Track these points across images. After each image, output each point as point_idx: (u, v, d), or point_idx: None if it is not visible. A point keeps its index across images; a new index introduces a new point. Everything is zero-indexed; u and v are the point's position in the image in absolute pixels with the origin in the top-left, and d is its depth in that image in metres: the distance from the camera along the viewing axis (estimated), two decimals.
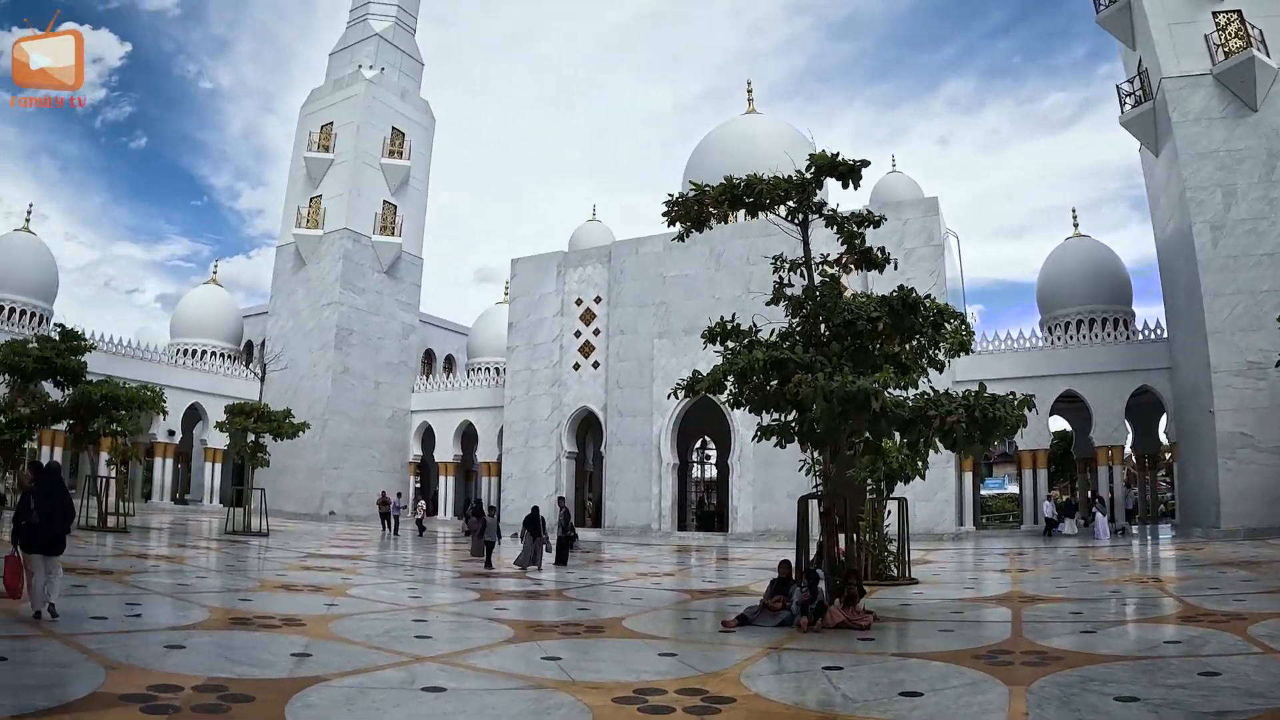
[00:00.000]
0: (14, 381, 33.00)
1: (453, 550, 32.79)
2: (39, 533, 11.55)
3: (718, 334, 15.84)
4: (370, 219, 61.36)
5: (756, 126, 55.41)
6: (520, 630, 12.57)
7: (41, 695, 7.37)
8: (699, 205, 16.19)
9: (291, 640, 10.83)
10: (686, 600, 17.89)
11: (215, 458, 59.48)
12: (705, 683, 8.97)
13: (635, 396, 47.45)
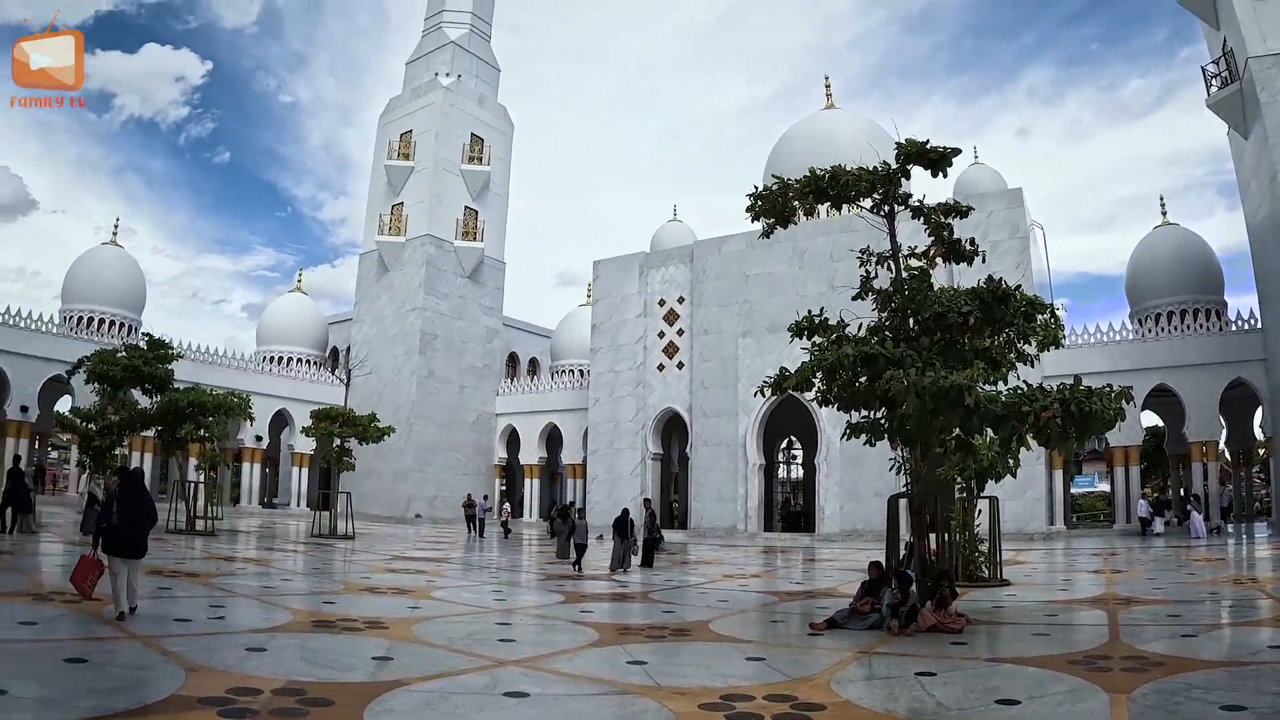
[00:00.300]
0: (103, 390, 33.49)
1: (538, 552, 32.78)
2: (121, 536, 11.73)
3: (804, 329, 15.43)
4: (452, 225, 61.67)
5: (835, 122, 54.95)
6: (605, 633, 12.38)
7: (120, 697, 7.32)
8: (783, 199, 15.82)
9: (373, 643, 10.73)
10: (774, 602, 17.61)
11: (302, 462, 60.22)
12: (794, 689, 8.69)
13: (720, 397, 47.15)
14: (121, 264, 60.55)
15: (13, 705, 6.96)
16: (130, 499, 12.08)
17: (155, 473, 51.37)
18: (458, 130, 63.58)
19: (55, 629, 10.97)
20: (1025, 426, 12.75)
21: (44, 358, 47.26)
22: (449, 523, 54.82)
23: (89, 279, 58.75)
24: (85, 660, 8.96)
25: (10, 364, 46.63)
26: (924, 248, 15.81)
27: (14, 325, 47.23)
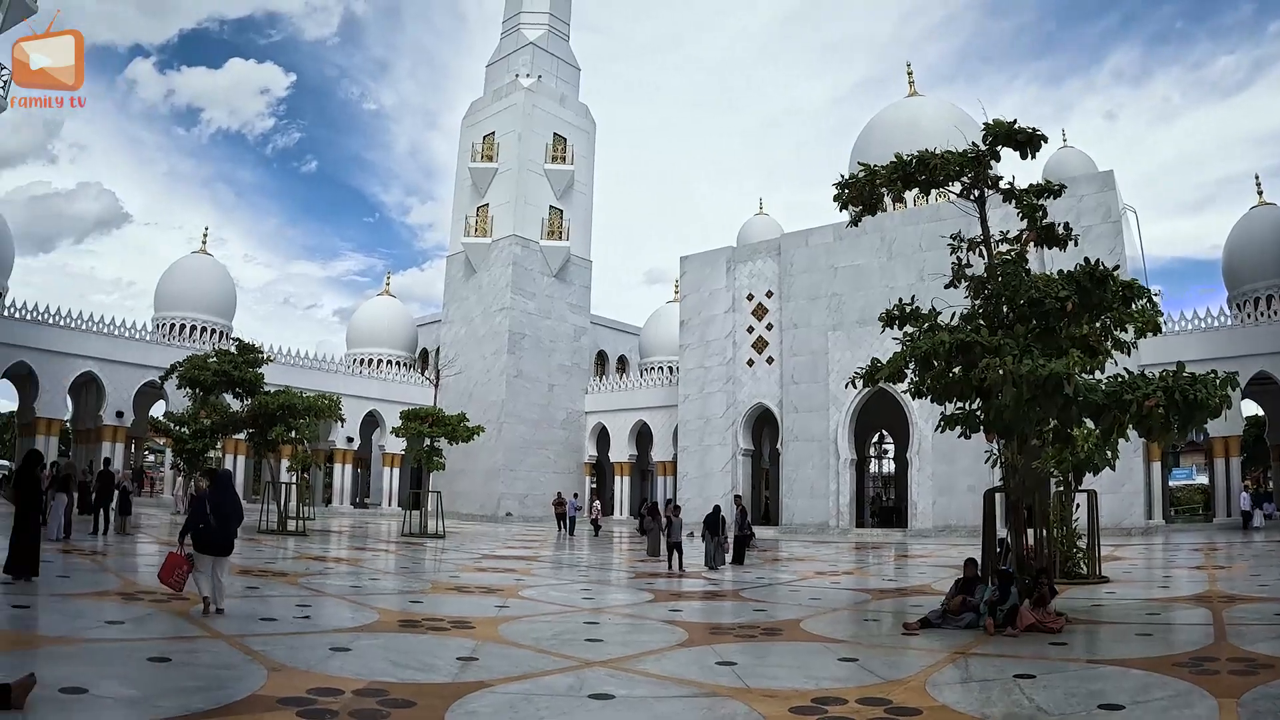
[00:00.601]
0: (195, 394, 33.96)
1: (628, 551, 32.65)
2: (213, 535, 12.14)
3: (896, 318, 14.98)
4: (537, 224, 61.83)
5: (919, 109, 54.23)
6: (695, 633, 12.15)
7: (200, 697, 7.25)
8: (870, 186, 15.40)
9: (459, 643, 10.62)
10: (866, 600, 17.27)
11: (393, 462, 60.72)
12: (888, 691, 8.39)
13: (810, 391, 46.68)
14: (212, 271, 61.81)
15: (93, 704, 6.93)
16: (220, 499, 12.46)
17: (248, 475, 52.03)
18: (540, 130, 63.66)
19: (141, 628, 11.00)
20: (1127, 416, 12.27)
21: (138, 364, 48.41)
22: (540, 521, 54.98)
23: (181, 287, 59.92)
24: (168, 659, 8.95)
25: (106, 371, 47.69)
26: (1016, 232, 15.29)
27: (109, 334, 48.19)
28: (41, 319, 46.30)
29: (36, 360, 45.65)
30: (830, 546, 36.05)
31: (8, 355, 44.89)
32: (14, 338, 44.87)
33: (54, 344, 46.28)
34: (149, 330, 52.10)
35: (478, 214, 63.24)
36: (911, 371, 14.24)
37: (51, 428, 46.64)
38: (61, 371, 46.58)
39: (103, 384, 47.95)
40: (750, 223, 62.11)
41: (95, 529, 26.03)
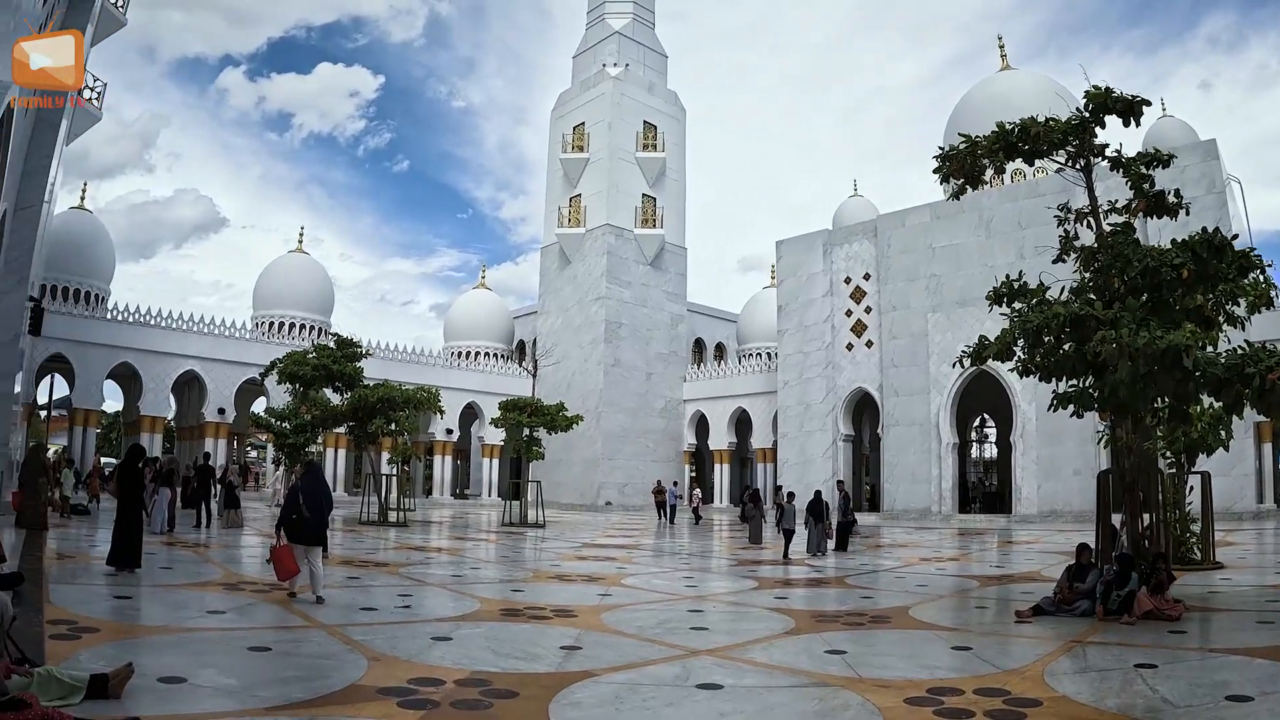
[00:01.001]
0: (295, 389, 34.33)
1: (730, 538, 32.39)
2: (307, 526, 12.60)
3: (1004, 294, 14.45)
4: (630, 213, 61.70)
5: (1013, 83, 53.36)
6: (801, 621, 11.88)
7: (299, 687, 7.20)
8: (971, 157, 14.92)
9: (562, 632, 10.50)
10: (974, 587, 16.83)
11: (492, 453, 61.43)
12: (1005, 682, 8.08)
13: (911, 374, 46.05)
14: (309, 269, 62.95)
15: (191, 694, 6.91)
16: (313, 490, 12.92)
17: (348, 468, 52.60)
18: (629, 119, 63.54)
19: (242, 618, 11.04)
20: (1248, 391, 11.74)
21: (238, 362, 49.79)
22: (639, 510, 54.95)
23: (278, 285, 61.12)
24: (269, 649, 8.94)
25: (207, 369, 49.01)
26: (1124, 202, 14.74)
27: (209, 333, 49.38)
28: (143, 321, 47.49)
29: (140, 360, 47.08)
30: (933, 532, 35.57)
31: (112, 356, 46.26)
32: (118, 339, 46.43)
33: (156, 344, 47.82)
34: (248, 329, 53.08)
35: (570, 204, 63.35)
36: (1020, 349, 13.81)
37: (155, 425, 47.94)
38: (164, 371, 47.99)
39: (204, 382, 49.08)
40: (845, 205, 61.58)
41: (198, 522, 26.49)
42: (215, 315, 52.07)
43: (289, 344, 49.08)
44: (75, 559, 16.71)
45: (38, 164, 25.42)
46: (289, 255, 63.69)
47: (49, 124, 25.69)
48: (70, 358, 45.37)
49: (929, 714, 6.88)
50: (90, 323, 46.37)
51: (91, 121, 40.67)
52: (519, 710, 6.84)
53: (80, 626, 9.49)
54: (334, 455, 52.92)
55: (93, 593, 12.46)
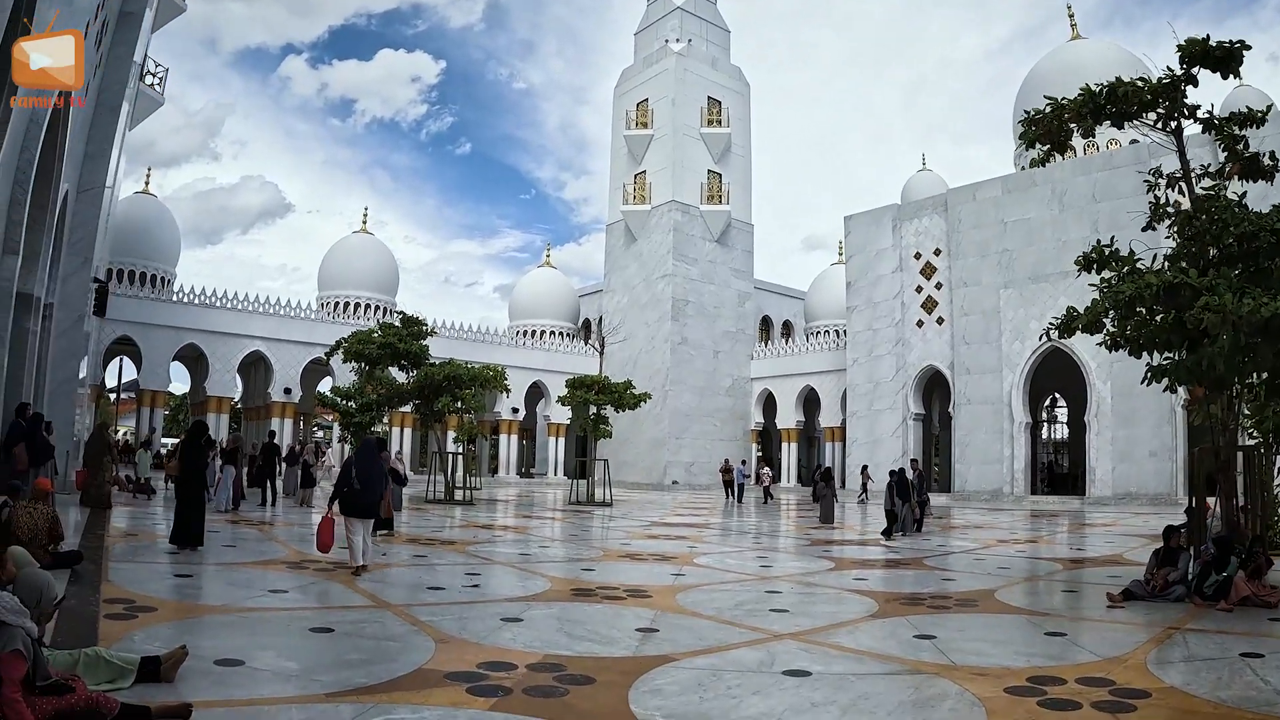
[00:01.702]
0: (360, 368, 34.26)
1: (800, 518, 31.90)
2: (358, 499, 12.79)
3: (1094, 261, 13.66)
4: (696, 189, 61.28)
5: (1084, 52, 52.34)
6: (884, 603, 11.39)
7: (362, 671, 6.86)
8: (1057, 122, 14.22)
9: (636, 613, 10.12)
10: (1057, 570, 16.27)
11: (558, 432, 61.53)
12: (1108, 671, 7.60)
13: (982, 352, 45.24)
14: (373, 249, 63.39)
15: (248, 678, 6.61)
16: (366, 465, 13.14)
17: (414, 446, 52.69)
18: (693, 94, 63.12)
19: (305, 597, 10.83)
20: None
21: (304, 342, 50.29)
22: (706, 489, 54.75)
23: (343, 266, 61.59)
24: (331, 630, 8.65)
25: (273, 350, 49.61)
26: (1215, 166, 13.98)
27: (275, 314, 49.81)
28: (209, 302, 47.93)
29: (206, 342, 47.82)
30: (1006, 514, 34.95)
31: (178, 338, 46.98)
32: (183, 321, 47.25)
33: (222, 326, 48.52)
34: (313, 309, 53.19)
35: (635, 181, 63.08)
36: (1110, 320, 13.14)
37: (222, 406, 48.64)
38: (230, 352, 48.66)
39: (270, 362, 49.54)
40: (914, 179, 60.76)
41: (263, 500, 26.54)
42: (281, 298, 52.39)
43: (354, 324, 49.14)
44: (138, 537, 16.59)
45: (99, 147, 25.44)
46: (353, 236, 64.03)
47: (108, 107, 25.69)
48: (137, 340, 46.19)
49: (1033, 705, 6.43)
50: (156, 305, 47.07)
51: (154, 107, 41.28)
52: (597, 698, 6.46)
53: (137, 606, 9.24)
54: (400, 434, 53.11)
55: (152, 571, 12.28)
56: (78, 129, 22.13)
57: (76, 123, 21.50)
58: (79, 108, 22.27)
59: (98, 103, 25.22)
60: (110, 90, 25.65)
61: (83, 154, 24.69)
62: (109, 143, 25.70)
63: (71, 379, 24.69)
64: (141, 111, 41.09)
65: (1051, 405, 57.98)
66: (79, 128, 22.45)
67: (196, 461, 14.75)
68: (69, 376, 24.57)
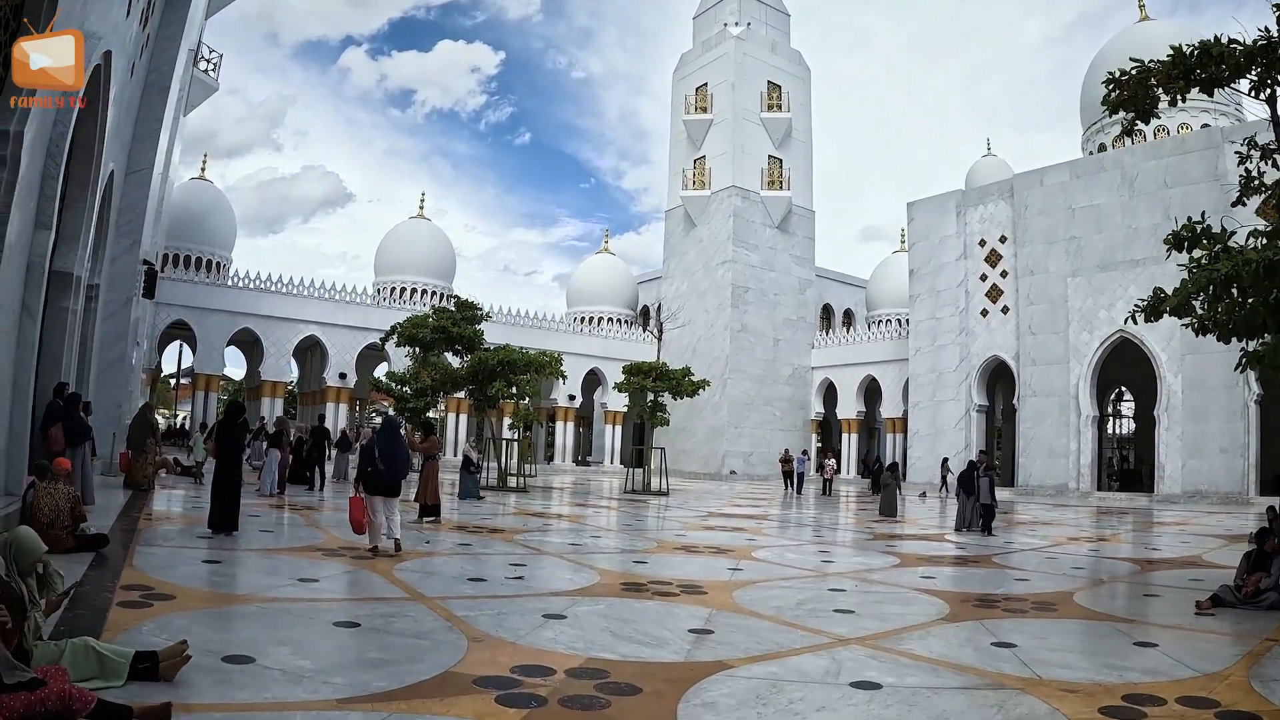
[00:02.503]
0: (414, 353, 33.89)
1: (862, 510, 31.11)
2: (381, 478, 13.16)
3: (1185, 239, 12.63)
4: (756, 174, 60.39)
5: (1153, 34, 50.52)
6: (955, 605, 10.61)
7: (383, 673, 6.26)
8: (1143, 86, 13.22)
9: (690, 611, 9.42)
10: (1135, 571, 15.41)
11: (615, 420, 60.83)
12: (1209, 689, 6.86)
13: (1049, 342, 43.95)
14: (430, 235, 63.08)
15: (255, 678, 6.01)
16: (387, 445, 13.52)
17: (470, 432, 52.43)
18: (753, 78, 62.08)
19: (335, 587, 10.31)
20: None
21: (359, 327, 50.20)
22: (764, 479, 54.04)
23: (400, 251, 61.42)
24: (357, 624, 8.05)
25: (328, 334, 49.76)
26: None
27: (330, 298, 49.96)
28: (263, 287, 48.08)
29: (261, 326, 48.10)
30: (1072, 510, 34.10)
31: (233, 322, 47.33)
32: (238, 305, 47.62)
33: (277, 310, 48.72)
34: (369, 294, 52.99)
35: (695, 166, 62.26)
36: (1200, 303, 12.21)
37: (277, 390, 48.92)
38: (285, 337, 48.88)
39: (325, 347, 49.50)
40: (979, 164, 59.53)
41: (310, 485, 26.15)
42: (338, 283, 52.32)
43: (409, 309, 48.91)
44: (175, 521, 16.07)
45: (147, 128, 25.17)
46: (410, 221, 63.74)
47: (157, 88, 25.44)
48: (192, 324, 46.53)
49: None
50: (211, 289, 47.31)
51: (209, 92, 41.73)
52: (641, 712, 5.80)
53: (155, 594, 8.71)
54: (455, 420, 53.10)
55: (180, 556, 11.70)
56: (124, 109, 21.84)
57: (122, 102, 21.17)
58: (129, 84, 21.99)
59: (146, 83, 25.03)
60: (159, 71, 25.41)
61: (131, 135, 24.47)
62: (158, 123, 25.47)
63: (120, 360, 24.46)
64: (196, 96, 41.26)
65: (1117, 399, 56.64)
66: (125, 108, 22.16)
67: (233, 443, 14.21)
68: (117, 358, 24.36)
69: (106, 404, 23.00)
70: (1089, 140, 55.77)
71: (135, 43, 20.96)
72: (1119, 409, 57.69)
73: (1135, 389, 52.40)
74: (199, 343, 47.14)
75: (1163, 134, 47.62)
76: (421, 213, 64.41)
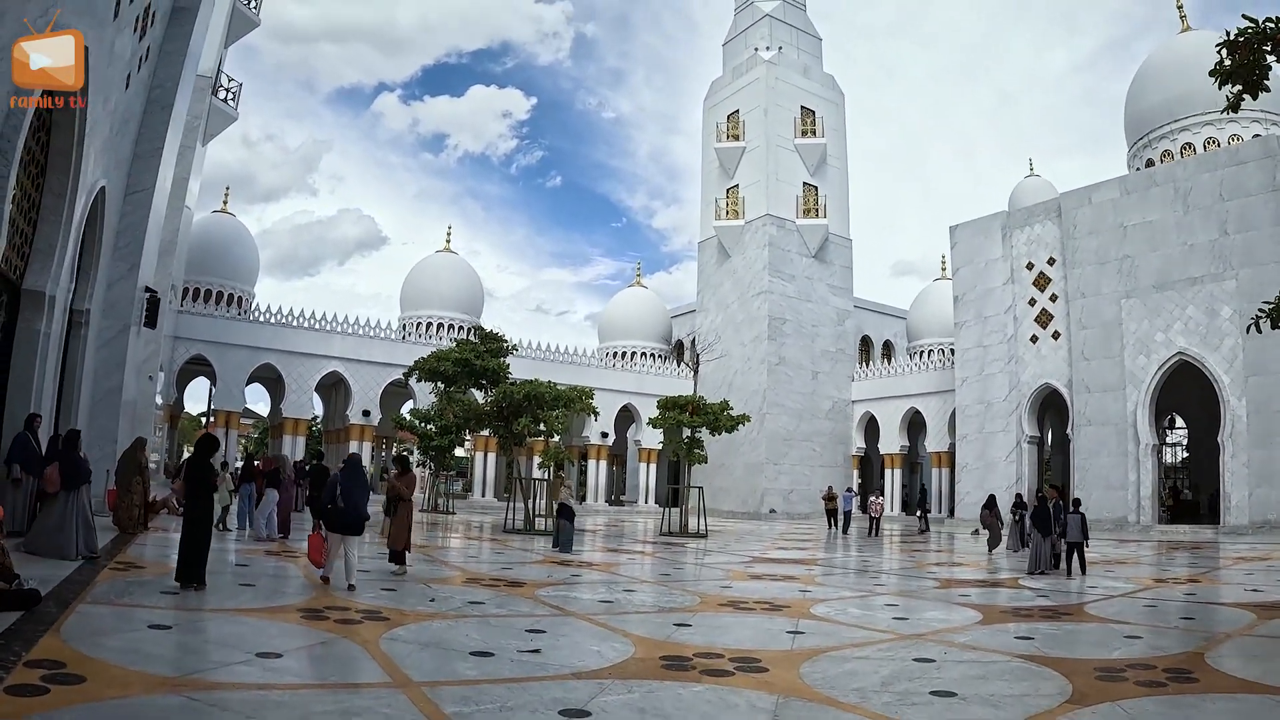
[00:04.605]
0: (438, 389, 32.65)
1: (915, 551, 29.15)
2: (342, 515, 13.17)
3: None
4: (791, 202, 58.74)
5: (1198, 44, 48.37)
6: (1075, 677, 8.42)
7: None
8: (1255, 53, 11.10)
9: (751, 700, 7.32)
10: (1253, 621, 13.11)
11: (649, 458, 59.19)
12: None
13: (1104, 368, 41.69)
14: (457, 268, 62.62)
15: None
16: (351, 482, 13.52)
17: (499, 473, 50.79)
18: (785, 104, 60.57)
19: (300, 665, 8.22)
20: None
21: (383, 363, 49.34)
22: (805, 518, 52.08)
23: (425, 285, 61.16)
24: None
25: (352, 371, 49.14)
26: None
27: (353, 334, 49.40)
28: (285, 322, 47.26)
29: (283, 362, 47.38)
30: (1137, 546, 32.04)
31: (254, 357, 46.71)
32: (259, 340, 46.86)
33: (300, 345, 47.84)
34: (394, 330, 51.72)
35: (728, 196, 60.77)
36: None
37: (299, 428, 47.92)
38: (307, 372, 48.04)
39: (349, 384, 48.35)
40: (1022, 185, 57.59)
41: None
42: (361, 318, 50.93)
43: (434, 344, 47.38)
44: (143, 570, 13.77)
45: (149, 146, 23.72)
46: (436, 255, 62.90)
47: (160, 105, 23.97)
48: (211, 359, 45.54)
49: None
50: (230, 324, 46.33)
51: (228, 121, 41.90)
52: None
53: (61, 673, 6.69)
54: (484, 459, 51.62)
55: (125, 619, 9.54)
56: (120, 122, 20.58)
57: (118, 115, 19.94)
58: (129, 99, 20.84)
59: (148, 99, 23.73)
60: (163, 88, 24.03)
61: (131, 153, 23.12)
62: (160, 141, 24.06)
63: (114, 392, 22.94)
64: (215, 126, 40.64)
65: (1170, 425, 54.27)
66: (122, 121, 20.88)
67: (203, 484, 12.25)
68: (112, 390, 22.88)
69: (100, 438, 21.55)
70: (1135, 156, 53.66)
71: (131, 51, 19.56)
72: (1164, 438, 55.44)
73: (1188, 415, 50.46)
74: (219, 379, 46.06)
75: (1213, 145, 45.62)
76: (448, 246, 63.22)
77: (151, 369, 30.68)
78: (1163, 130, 50.41)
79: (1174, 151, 49.01)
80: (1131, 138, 54.47)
